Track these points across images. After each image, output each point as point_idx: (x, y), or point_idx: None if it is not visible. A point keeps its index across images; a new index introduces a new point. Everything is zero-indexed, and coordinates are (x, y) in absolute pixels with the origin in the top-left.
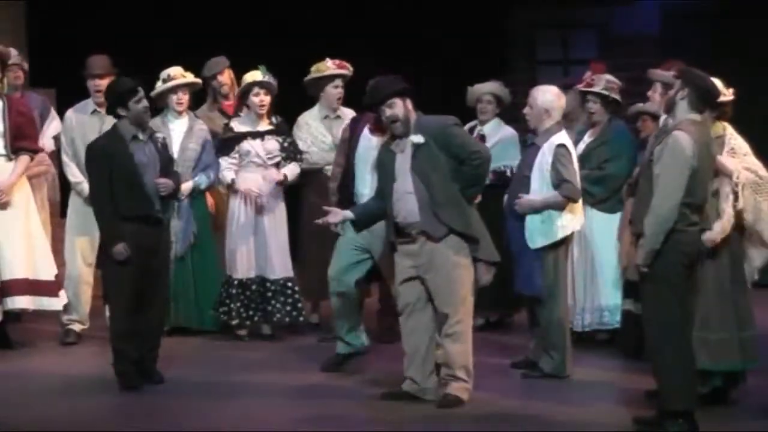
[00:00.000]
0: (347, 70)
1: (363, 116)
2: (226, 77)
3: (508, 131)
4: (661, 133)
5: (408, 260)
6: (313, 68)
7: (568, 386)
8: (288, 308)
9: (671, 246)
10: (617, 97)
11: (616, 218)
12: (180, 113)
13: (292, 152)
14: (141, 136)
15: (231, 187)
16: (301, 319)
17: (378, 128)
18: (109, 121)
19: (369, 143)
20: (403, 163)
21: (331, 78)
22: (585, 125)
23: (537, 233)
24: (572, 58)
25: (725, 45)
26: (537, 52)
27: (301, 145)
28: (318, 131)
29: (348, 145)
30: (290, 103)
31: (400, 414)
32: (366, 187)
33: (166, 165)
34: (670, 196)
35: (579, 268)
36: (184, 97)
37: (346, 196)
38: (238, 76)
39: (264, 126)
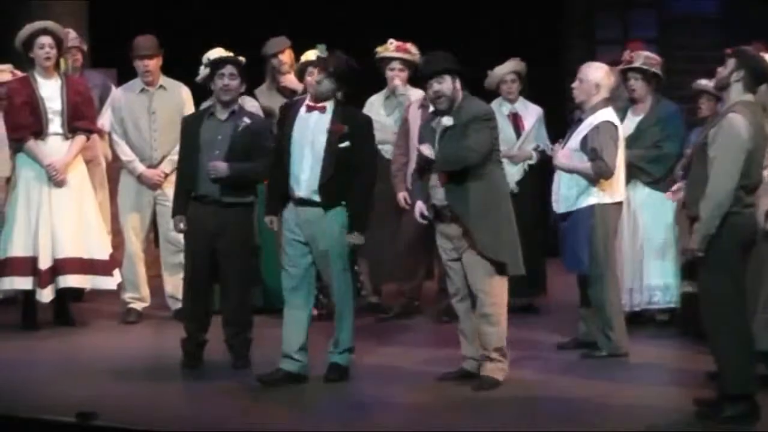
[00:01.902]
0: (407, 53)
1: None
2: (286, 56)
3: (537, 109)
4: (715, 116)
5: (448, 242)
6: (378, 49)
7: (626, 367)
8: None
9: (727, 229)
10: (658, 71)
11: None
12: None
13: None
14: (220, 115)
15: None
16: (360, 297)
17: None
18: (158, 101)
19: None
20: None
21: (389, 60)
22: (624, 104)
23: (564, 200)
24: (631, 37)
25: None
26: (596, 32)
27: None
28: (378, 111)
29: (407, 127)
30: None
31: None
32: None
33: (238, 149)
34: (726, 180)
35: (628, 247)
36: None
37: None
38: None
39: None
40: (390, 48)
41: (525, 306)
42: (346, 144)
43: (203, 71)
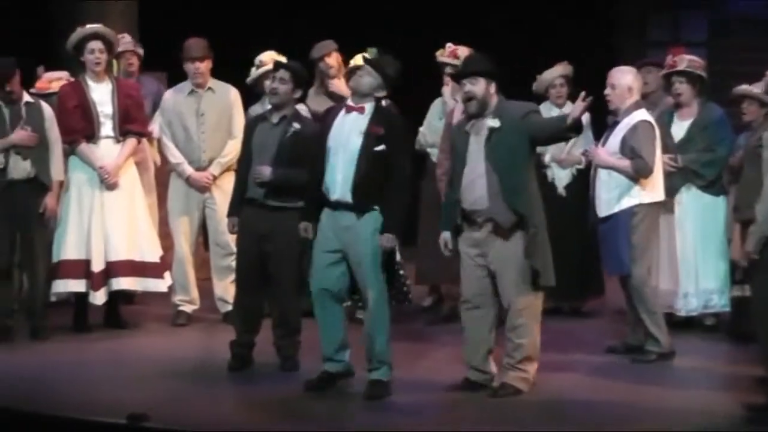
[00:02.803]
0: (456, 59)
1: None
2: (333, 60)
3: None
4: (766, 118)
5: (473, 248)
6: (437, 53)
7: (675, 371)
8: (394, 291)
9: None
10: (703, 73)
11: (720, 201)
12: None
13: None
14: (272, 118)
15: None
16: (408, 302)
17: None
18: (206, 103)
19: None
20: (476, 146)
21: (443, 65)
22: (666, 107)
23: (605, 202)
24: (683, 40)
25: None
26: (647, 35)
27: (422, 129)
28: (431, 114)
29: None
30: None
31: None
32: None
33: (286, 154)
34: None
35: (681, 251)
36: None
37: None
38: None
39: None
40: (444, 53)
41: (575, 309)
42: (381, 147)
43: (254, 73)
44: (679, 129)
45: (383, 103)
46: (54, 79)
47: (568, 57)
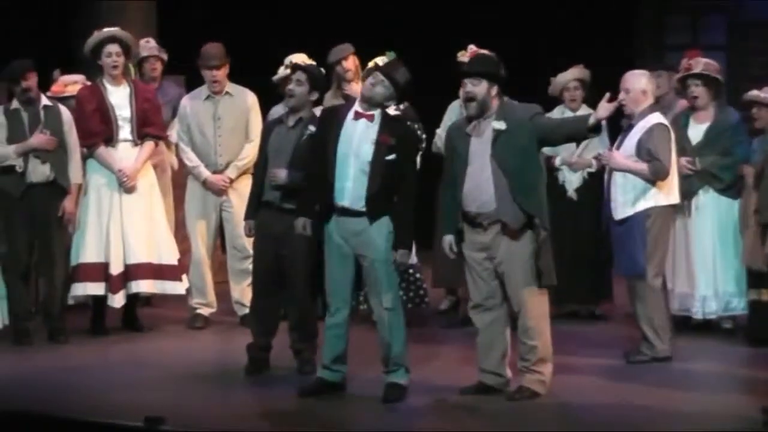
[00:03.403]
0: None
1: None
2: (350, 63)
3: None
4: None
5: (479, 253)
6: (459, 54)
7: (693, 374)
8: (410, 294)
9: None
10: (719, 76)
11: (737, 204)
12: None
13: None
14: (289, 121)
15: None
16: (424, 305)
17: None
18: (223, 107)
19: None
20: (480, 148)
21: (461, 65)
22: (679, 110)
23: (621, 205)
24: (702, 43)
25: None
26: (666, 38)
27: (439, 131)
28: (448, 116)
29: None
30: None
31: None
32: None
33: (302, 157)
34: None
35: (698, 255)
36: None
37: None
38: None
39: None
40: (465, 54)
41: (590, 313)
42: (392, 157)
43: (281, 72)
44: (696, 132)
45: (397, 109)
46: (69, 83)
47: (587, 61)
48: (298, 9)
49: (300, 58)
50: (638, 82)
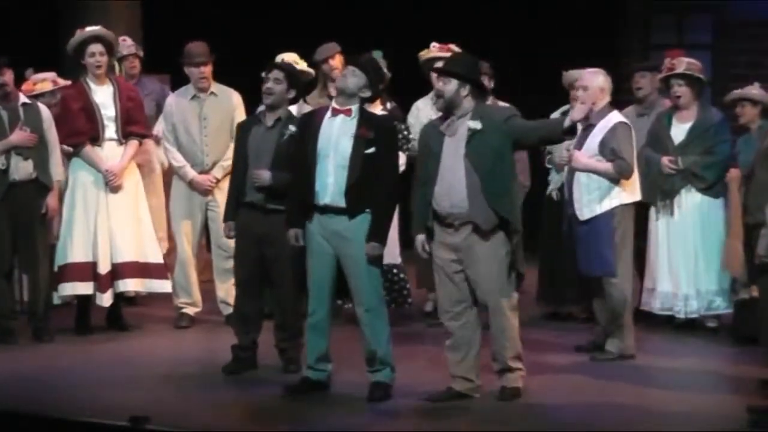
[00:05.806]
0: (449, 52)
1: None
2: (336, 62)
3: None
4: None
5: (449, 253)
6: (420, 53)
7: (678, 374)
8: (393, 294)
9: None
10: (702, 76)
11: (719, 203)
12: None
13: (399, 140)
14: (266, 121)
15: None
16: (408, 305)
17: None
18: (208, 107)
19: None
20: (453, 147)
21: (432, 61)
22: (662, 109)
23: (586, 205)
24: (687, 43)
25: None
26: (652, 37)
27: (413, 132)
28: (426, 116)
29: None
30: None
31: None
32: None
33: (284, 158)
34: None
35: (680, 254)
36: None
37: None
38: None
39: (376, 112)
40: (432, 50)
41: (570, 314)
42: (371, 150)
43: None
44: (679, 131)
45: (384, 109)
46: (39, 81)
47: (572, 60)
48: (282, 8)
49: (291, 56)
50: (596, 79)
